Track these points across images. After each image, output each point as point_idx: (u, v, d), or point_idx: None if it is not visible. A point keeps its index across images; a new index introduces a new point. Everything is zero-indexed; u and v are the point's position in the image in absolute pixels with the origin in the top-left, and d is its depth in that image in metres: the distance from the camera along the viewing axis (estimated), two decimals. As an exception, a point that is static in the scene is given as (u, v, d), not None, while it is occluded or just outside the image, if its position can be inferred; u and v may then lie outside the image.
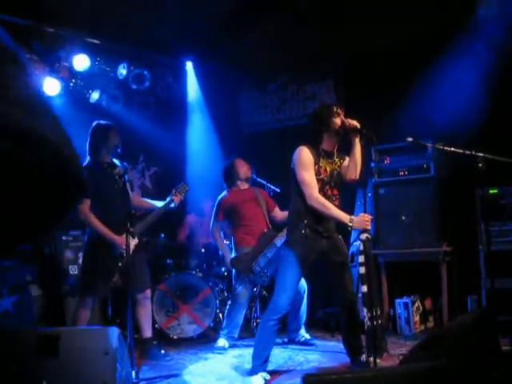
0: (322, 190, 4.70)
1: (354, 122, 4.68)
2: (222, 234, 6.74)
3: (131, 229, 5.36)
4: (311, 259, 4.80)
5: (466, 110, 6.32)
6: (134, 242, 5.54)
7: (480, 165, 4.73)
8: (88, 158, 5.59)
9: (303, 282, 6.22)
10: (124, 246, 5.05)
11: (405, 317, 6.57)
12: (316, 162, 4.70)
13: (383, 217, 6.74)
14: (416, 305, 6.61)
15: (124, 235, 5.05)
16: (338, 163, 4.88)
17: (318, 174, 4.70)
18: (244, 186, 6.62)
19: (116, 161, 5.64)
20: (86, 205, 5.35)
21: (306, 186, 4.65)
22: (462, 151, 4.87)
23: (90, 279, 5.46)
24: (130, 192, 5.75)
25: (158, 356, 5.83)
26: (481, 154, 4.75)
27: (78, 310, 5.48)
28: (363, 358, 4.78)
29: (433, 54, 6.77)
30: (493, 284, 5.14)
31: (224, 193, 6.67)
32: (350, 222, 4.51)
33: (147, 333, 5.81)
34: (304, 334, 6.36)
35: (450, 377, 3.06)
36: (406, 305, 6.58)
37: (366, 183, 6.80)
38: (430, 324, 6.71)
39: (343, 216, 4.60)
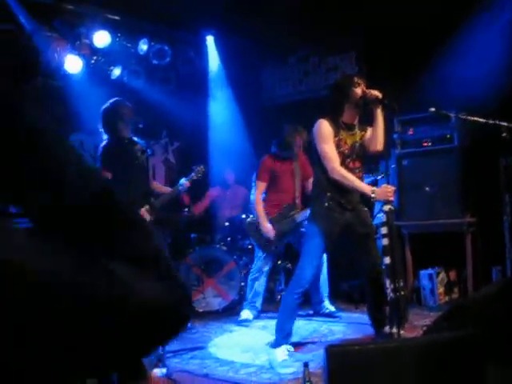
0: (343, 163, 4.66)
1: (376, 92, 4.61)
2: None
3: (147, 206, 5.38)
4: (336, 232, 4.78)
5: (489, 80, 6.24)
6: (149, 219, 5.57)
7: (504, 134, 4.69)
8: (107, 137, 5.61)
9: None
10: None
11: (429, 288, 6.56)
12: (336, 135, 4.66)
13: (406, 188, 6.70)
14: (440, 276, 6.60)
15: (142, 211, 5.08)
16: (360, 135, 4.83)
17: (338, 146, 4.66)
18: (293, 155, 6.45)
19: (135, 138, 5.67)
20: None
21: (327, 159, 4.62)
22: (485, 121, 4.83)
23: None
24: (149, 171, 5.75)
25: (184, 328, 5.89)
26: (505, 124, 4.70)
27: None
28: (387, 329, 4.78)
29: (455, 23, 6.66)
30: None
31: (266, 157, 6.48)
32: (373, 193, 4.48)
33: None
34: (328, 305, 6.38)
35: (475, 347, 3.06)
36: (430, 276, 6.57)
37: (390, 155, 6.76)
38: (455, 295, 6.69)
39: (366, 188, 4.59)
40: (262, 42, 8.35)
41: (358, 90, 4.67)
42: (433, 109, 4.93)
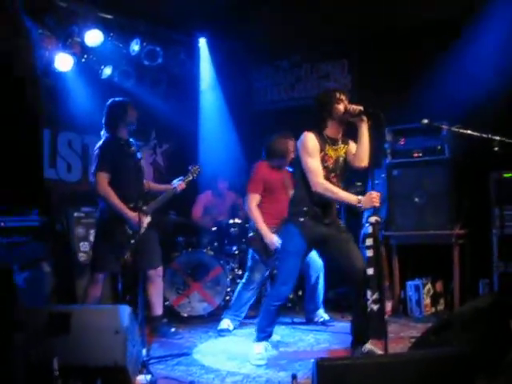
0: (327, 178, 4.64)
1: (358, 106, 4.60)
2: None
3: (144, 207, 5.38)
4: (309, 247, 4.81)
5: (483, 93, 6.26)
6: (146, 220, 5.57)
7: (496, 148, 4.67)
8: (106, 134, 5.59)
9: (319, 261, 6.18)
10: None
11: (415, 299, 6.55)
12: (322, 149, 4.63)
13: (396, 198, 6.69)
14: (427, 287, 6.58)
15: (138, 212, 5.05)
16: (344, 149, 4.81)
17: (323, 161, 4.64)
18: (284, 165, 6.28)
19: (131, 140, 5.65)
20: (105, 179, 5.38)
21: (312, 173, 4.59)
22: (478, 134, 4.81)
23: (101, 256, 5.47)
24: (143, 170, 5.73)
25: (168, 334, 5.85)
26: (497, 138, 4.69)
27: (88, 287, 5.51)
28: (364, 348, 4.74)
29: (449, 34, 6.68)
30: (505, 268, 5.13)
31: (261, 164, 6.25)
32: (359, 202, 4.47)
33: (158, 310, 5.83)
34: (323, 314, 6.34)
35: (463, 362, 3.05)
36: (416, 287, 6.56)
37: (380, 164, 6.74)
38: (441, 307, 6.68)
39: (351, 198, 4.56)
40: (254, 46, 8.32)
41: (340, 107, 4.65)
42: (426, 120, 4.90)
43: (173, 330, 5.96)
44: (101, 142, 5.56)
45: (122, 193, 5.41)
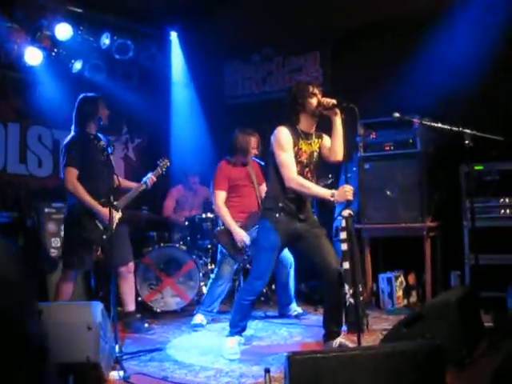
0: (301, 173, 4.63)
1: (331, 100, 4.59)
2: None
3: (115, 202, 5.34)
4: (284, 243, 4.80)
5: (454, 87, 6.30)
6: (117, 216, 5.53)
7: (466, 142, 4.71)
8: (75, 129, 5.54)
9: (289, 256, 6.19)
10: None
11: (388, 292, 6.59)
12: (295, 144, 4.63)
13: (368, 191, 6.71)
14: (399, 280, 6.63)
15: (108, 208, 5.01)
16: (318, 144, 4.82)
17: (297, 156, 4.64)
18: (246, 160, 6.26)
19: (100, 135, 5.61)
20: (74, 174, 5.33)
21: (285, 168, 4.58)
22: (448, 127, 4.85)
23: (72, 253, 5.42)
24: (113, 166, 5.69)
25: (142, 329, 5.82)
26: (468, 131, 4.73)
27: (60, 284, 5.46)
28: (336, 342, 4.75)
29: (420, 28, 6.71)
30: (476, 260, 5.18)
31: (223, 162, 6.25)
32: (332, 196, 4.44)
33: (130, 306, 5.81)
34: (296, 307, 6.36)
35: (433, 355, 3.07)
36: (389, 280, 6.60)
37: (351, 157, 6.77)
38: (413, 299, 6.73)
39: (324, 192, 4.54)
40: (226, 39, 8.28)
41: (313, 101, 4.64)
42: (397, 114, 4.93)
43: (146, 325, 5.93)
44: (68, 138, 5.51)
45: (91, 188, 5.37)
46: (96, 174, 5.44)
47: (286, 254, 6.14)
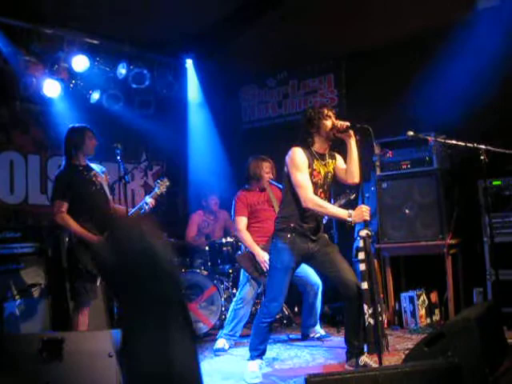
0: (315, 193, 4.65)
1: (345, 122, 4.62)
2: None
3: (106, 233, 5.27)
4: (297, 263, 4.81)
5: (468, 103, 6.29)
6: None
7: (482, 157, 4.71)
8: (64, 161, 5.56)
9: (317, 278, 6.17)
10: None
11: (410, 310, 6.55)
12: (310, 165, 4.65)
13: (386, 210, 6.70)
14: (421, 298, 6.58)
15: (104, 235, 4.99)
16: (332, 165, 4.85)
17: (312, 177, 4.66)
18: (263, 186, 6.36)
19: (94, 165, 5.65)
20: (62, 207, 5.30)
21: (301, 188, 4.59)
22: (463, 144, 4.85)
23: (75, 285, 5.37)
24: (108, 194, 5.66)
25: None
26: (483, 147, 4.73)
27: (74, 316, 5.39)
28: (361, 361, 4.73)
29: (434, 47, 6.74)
30: (497, 276, 5.12)
31: (240, 191, 6.38)
32: (349, 216, 4.46)
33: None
34: (319, 329, 6.35)
35: (454, 374, 3.05)
36: (411, 298, 6.56)
37: (369, 177, 6.78)
38: (436, 317, 6.67)
39: (341, 212, 4.55)
40: (241, 65, 8.36)
41: (328, 123, 4.67)
42: (411, 132, 4.95)
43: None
44: (57, 171, 5.53)
45: (84, 219, 5.33)
46: (88, 204, 5.40)
47: (314, 275, 6.13)
